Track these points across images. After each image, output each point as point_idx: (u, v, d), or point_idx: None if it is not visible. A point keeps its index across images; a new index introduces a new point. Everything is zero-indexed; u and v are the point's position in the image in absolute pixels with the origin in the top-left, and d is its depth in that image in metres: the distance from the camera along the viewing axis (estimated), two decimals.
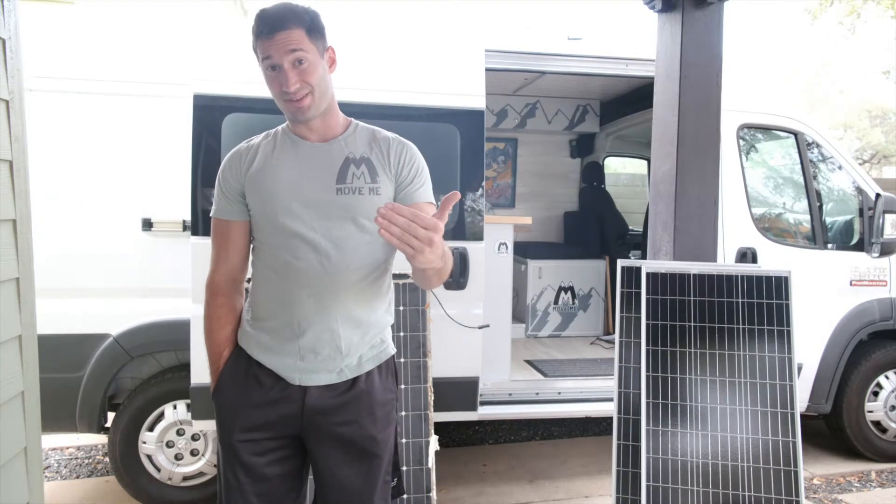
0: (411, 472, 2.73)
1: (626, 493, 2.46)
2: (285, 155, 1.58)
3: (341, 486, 1.59)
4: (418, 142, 1.76)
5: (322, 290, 1.52)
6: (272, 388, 1.56)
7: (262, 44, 1.49)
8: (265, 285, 1.58)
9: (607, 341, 4.71)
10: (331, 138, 1.60)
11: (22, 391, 1.54)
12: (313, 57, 1.50)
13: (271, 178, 1.55)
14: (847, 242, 3.93)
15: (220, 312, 1.62)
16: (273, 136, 1.63)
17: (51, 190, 2.88)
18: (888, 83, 17.13)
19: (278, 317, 1.55)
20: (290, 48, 1.47)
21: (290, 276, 1.53)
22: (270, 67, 1.50)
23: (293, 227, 1.52)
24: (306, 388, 1.55)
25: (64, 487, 3.51)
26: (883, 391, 3.90)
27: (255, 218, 1.58)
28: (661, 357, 2.37)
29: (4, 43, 1.49)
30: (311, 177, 1.55)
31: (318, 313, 1.53)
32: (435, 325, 2.96)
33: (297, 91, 1.49)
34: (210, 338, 1.63)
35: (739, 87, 3.73)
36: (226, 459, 1.59)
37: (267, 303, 1.57)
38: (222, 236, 1.61)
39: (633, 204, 6.06)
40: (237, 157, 1.60)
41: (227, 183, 1.59)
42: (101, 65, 3.02)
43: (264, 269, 1.58)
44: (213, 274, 1.63)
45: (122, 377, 3.16)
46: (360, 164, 1.58)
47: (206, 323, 1.64)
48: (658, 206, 2.71)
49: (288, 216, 1.52)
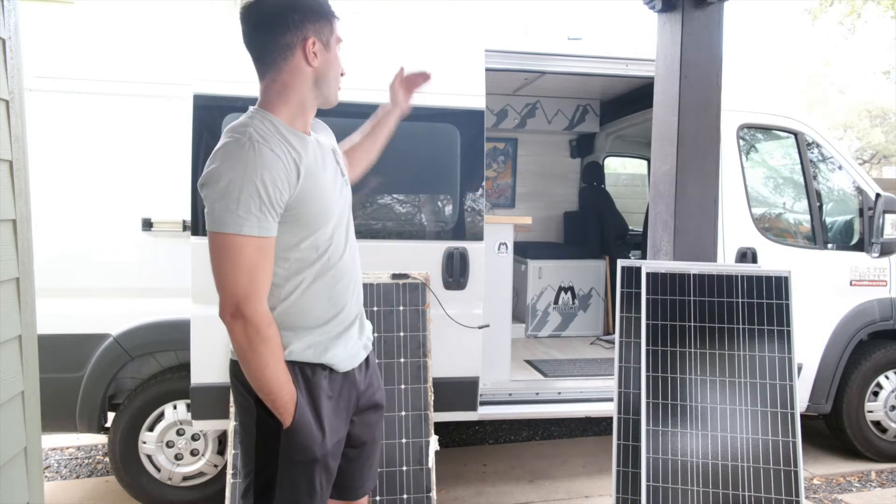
0: (411, 472, 2.73)
1: (626, 493, 2.46)
2: (310, 161, 1.48)
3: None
4: (418, 142, 1.78)
5: (356, 277, 1.64)
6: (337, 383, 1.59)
7: (334, 24, 1.51)
8: (315, 292, 1.52)
9: (607, 341, 4.71)
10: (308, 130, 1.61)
11: (22, 391, 1.54)
12: None
13: (322, 187, 1.48)
14: (847, 242, 3.93)
15: (279, 341, 1.46)
16: (282, 135, 1.46)
17: (51, 190, 2.89)
18: (888, 83, 17.13)
19: (333, 316, 1.57)
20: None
21: (336, 275, 1.55)
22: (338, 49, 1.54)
23: (332, 232, 1.53)
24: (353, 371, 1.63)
25: (64, 487, 3.51)
26: (883, 391, 3.90)
27: (296, 230, 1.45)
28: (661, 357, 2.37)
29: (4, 43, 1.49)
30: (333, 175, 1.57)
31: (356, 298, 1.63)
32: (435, 325, 2.96)
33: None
34: (280, 371, 1.45)
35: (739, 87, 3.74)
36: (315, 474, 1.53)
37: (319, 308, 1.54)
38: (268, 257, 1.40)
39: (633, 204, 6.07)
40: (276, 162, 1.38)
41: (277, 195, 1.37)
42: (100, 65, 3.02)
43: (305, 279, 1.50)
44: (259, 303, 1.40)
45: (122, 377, 3.16)
46: (333, 151, 1.64)
47: (272, 359, 1.42)
48: (658, 206, 2.71)
49: (331, 223, 1.53)
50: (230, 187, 1.34)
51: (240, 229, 1.35)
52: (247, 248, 1.36)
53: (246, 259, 1.36)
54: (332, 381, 1.57)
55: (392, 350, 2.78)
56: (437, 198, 3.23)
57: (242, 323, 1.38)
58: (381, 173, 3.00)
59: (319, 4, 1.49)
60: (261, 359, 1.41)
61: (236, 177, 1.34)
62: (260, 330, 1.39)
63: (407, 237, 3.14)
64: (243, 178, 1.34)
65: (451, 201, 3.19)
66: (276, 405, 1.46)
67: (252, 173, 1.34)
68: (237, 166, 1.35)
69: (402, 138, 1.99)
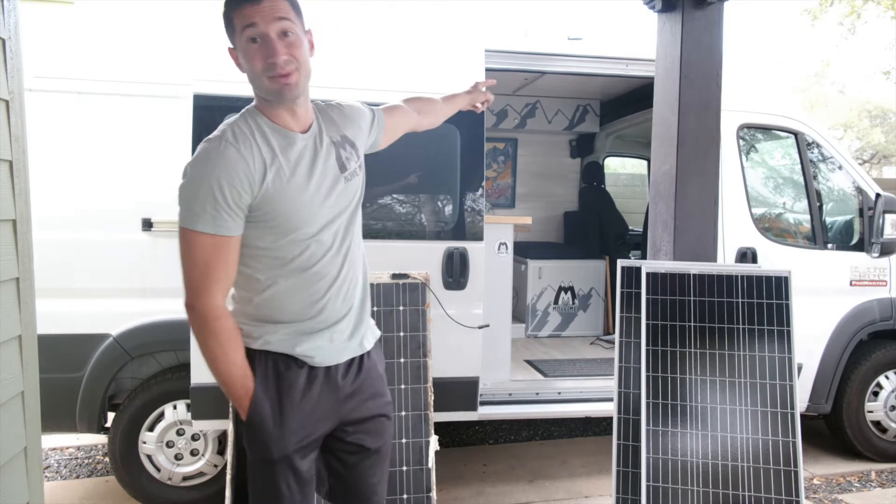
0: (411, 472, 2.73)
1: (626, 493, 2.46)
2: (290, 157, 1.46)
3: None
4: (418, 141, 1.77)
5: (349, 277, 1.57)
6: (316, 381, 1.53)
7: (242, 11, 1.36)
8: (292, 289, 1.49)
9: (607, 341, 4.71)
10: (309, 124, 1.54)
11: (22, 391, 1.54)
12: (300, 31, 1.42)
13: (295, 189, 1.43)
14: (847, 242, 3.93)
15: (234, 334, 1.45)
16: (260, 132, 1.45)
17: (51, 190, 2.88)
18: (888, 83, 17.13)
19: (313, 315, 1.51)
20: (277, 15, 1.36)
21: (317, 275, 1.50)
22: (251, 39, 1.37)
23: (317, 233, 1.48)
24: (335, 367, 1.56)
25: (64, 487, 3.51)
26: (883, 391, 3.90)
27: (269, 230, 1.44)
28: (661, 357, 2.37)
29: (4, 43, 1.49)
30: (324, 176, 1.50)
31: (344, 300, 1.56)
32: (435, 325, 2.96)
33: (284, 64, 1.38)
34: (231, 364, 1.45)
35: (739, 87, 3.73)
36: (277, 474, 1.50)
37: (292, 305, 1.50)
38: (222, 255, 1.41)
39: (633, 204, 6.06)
40: (239, 163, 1.38)
41: (234, 196, 1.37)
42: (100, 65, 3.02)
43: (282, 276, 1.49)
44: (209, 297, 1.40)
45: (122, 377, 3.16)
46: (344, 144, 1.59)
47: (221, 352, 1.43)
48: (658, 206, 2.71)
49: (313, 223, 1.47)
50: (190, 185, 1.39)
51: (194, 225, 1.38)
52: (200, 244, 1.39)
53: (199, 254, 1.40)
54: (311, 377, 1.52)
55: (392, 350, 2.78)
56: (437, 198, 3.23)
57: (193, 315, 1.42)
58: (382, 173, 3.00)
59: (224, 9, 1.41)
60: (209, 351, 1.44)
61: (196, 175, 1.39)
62: (207, 322, 1.41)
63: (407, 237, 3.14)
64: (202, 177, 1.38)
65: (451, 201, 3.19)
66: (232, 398, 1.49)
67: (210, 173, 1.37)
68: (199, 165, 1.39)
69: (402, 138, 1.99)
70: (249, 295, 1.51)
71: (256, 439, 1.50)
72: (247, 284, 1.51)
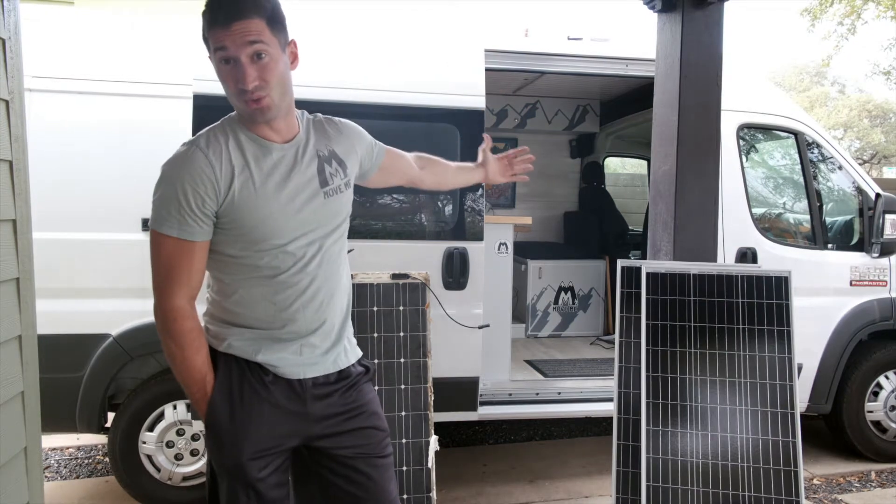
0: (411, 472, 2.73)
1: (626, 493, 2.46)
2: (263, 169, 1.44)
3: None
4: (418, 142, 1.77)
5: (324, 290, 1.51)
6: (282, 390, 1.48)
7: (215, 33, 1.34)
8: (257, 297, 1.47)
9: (607, 341, 4.71)
10: (293, 135, 1.50)
11: (22, 391, 1.54)
12: (274, 51, 1.37)
13: (263, 203, 1.41)
14: (847, 242, 3.93)
15: (192, 336, 1.43)
16: (235, 139, 1.45)
17: (51, 190, 2.88)
18: (888, 83, 17.13)
19: (281, 325, 1.48)
20: (248, 39, 1.33)
21: (284, 285, 1.46)
22: (224, 61, 1.35)
23: (286, 244, 1.44)
24: (304, 381, 1.51)
25: (64, 487, 3.51)
26: (883, 391, 3.90)
27: (235, 238, 1.43)
28: (661, 357, 2.37)
29: (4, 43, 1.49)
30: (299, 190, 1.46)
31: (317, 313, 1.51)
32: (435, 325, 2.96)
33: (255, 90, 1.35)
34: (188, 366, 1.43)
35: (739, 87, 3.73)
36: (236, 485, 1.47)
37: (257, 311, 1.48)
38: (186, 258, 1.40)
39: (633, 204, 6.07)
40: (207, 173, 1.38)
41: (198, 201, 1.37)
42: (101, 65, 3.02)
43: (248, 283, 1.47)
44: (170, 298, 1.41)
45: (122, 377, 3.16)
46: (330, 160, 1.55)
47: (179, 352, 1.42)
48: (658, 206, 2.71)
49: (282, 235, 1.44)
50: (160, 186, 1.42)
51: (160, 227, 1.41)
52: (165, 246, 1.41)
53: (164, 256, 1.41)
54: (275, 387, 1.47)
55: (392, 350, 2.78)
56: (437, 198, 3.23)
57: (158, 316, 1.44)
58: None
59: (205, 12, 1.39)
60: (168, 350, 1.44)
61: (164, 177, 1.42)
62: (165, 323, 1.42)
63: (407, 237, 3.14)
64: (168, 180, 1.40)
65: (451, 201, 3.19)
66: (191, 400, 1.48)
67: (176, 178, 1.39)
68: (169, 168, 1.42)
69: (403, 138, 1.99)
70: (218, 298, 1.50)
71: (212, 444, 1.48)
72: (216, 286, 1.51)
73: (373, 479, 1.57)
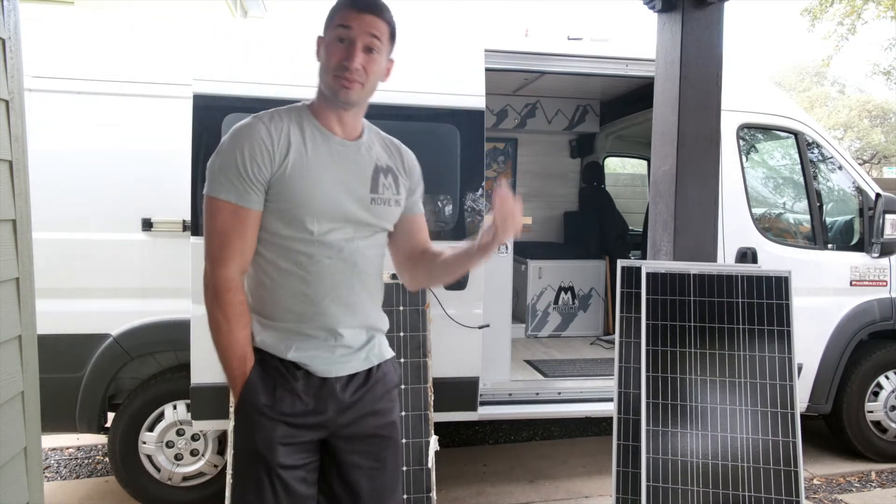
0: (411, 472, 2.73)
1: (626, 493, 2.46)
2: (319, 154, 1.48)
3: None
4: (418, 142, 1.76)
5: (358, 288, 1.53)
6: (305, 385, 1.49)
7: (346, 13, 1.46)
8: (286, 286, 1.48)
9: (607, 341, 4.71)
10: (355, 137, 1.56)
11: (22, 391, 1.54)
12: (382, 55, 1.50)
13: (310, 183, 1.45)
14: (847, 242, 3.93)
15: (241, 310, 1.45)
16: (298, 122, 1.49)
17: (51, 190, 2.88)
18: (888, 83, 17.13)
19: (310, 318, 1.49)
20: (371, 31, 1.46)
21: (318, 276, 1.48)
22: (339, 39, 1.45)
23: (324, 233, 1.47)
24: (335, 379, 1.51)
25: (64, 487, 3.51)
26: (883, 391, 3.90)
27: (278, 215, 1.45)
28: (661, 357, 2.37)
29: (4, 43, 1.49)
30: (347, 184, 1.50)
31: (348, 308, 1.52)
32: (435, 325, 2.96)
33: (355, 72, 1.44)
34: (232, 339, 1.44)
35: (739, 87, 3.73)
36: (262, 474, 1.46)
37: (288, 301, 1.48)
38: (241, 226, 1.43)
39: (633, 204, 6.06)
40: (266, 142, 1.43)
41: (255, 168, 1.41)
42: (101, 65, 3.02)
43: (283, 274, 1.48)
44: (223, 268, 1.43)
45: (122, 377, 3.16)
46: (387, 173, 1.59)
47: (225, 325, 1.43)
48: (658, 206, 2.71)
49: (320, 222, 1.46)
50: (218, 155, 1.45)
51: (217, 193, 1.42)
52: (222, 212, 1.43)
53: (220, 223, 1.43)
54: (308, 382, 1.49)
55: (392, 350, 2.78)
56: (437, 198, 3.23)
57: (209, 285, 1.44)
58: None
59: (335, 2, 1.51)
60: (215, 321, 1.45)
61: (224, 147, 1.45)
62: (217, 293, 1.43)
63: None
64: (228, 148, 1.43)
65: (452, 201, 3.19)
66: (227, 377, 1.48)
67: (236, 145, 1.42)
68: (230, 139, 1.45)
69: (403, 139, 1.99)
70: (253, 286, 1.53)
71: (243, 427, 1.48)
72: (251, 273, 1.52)
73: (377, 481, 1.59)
